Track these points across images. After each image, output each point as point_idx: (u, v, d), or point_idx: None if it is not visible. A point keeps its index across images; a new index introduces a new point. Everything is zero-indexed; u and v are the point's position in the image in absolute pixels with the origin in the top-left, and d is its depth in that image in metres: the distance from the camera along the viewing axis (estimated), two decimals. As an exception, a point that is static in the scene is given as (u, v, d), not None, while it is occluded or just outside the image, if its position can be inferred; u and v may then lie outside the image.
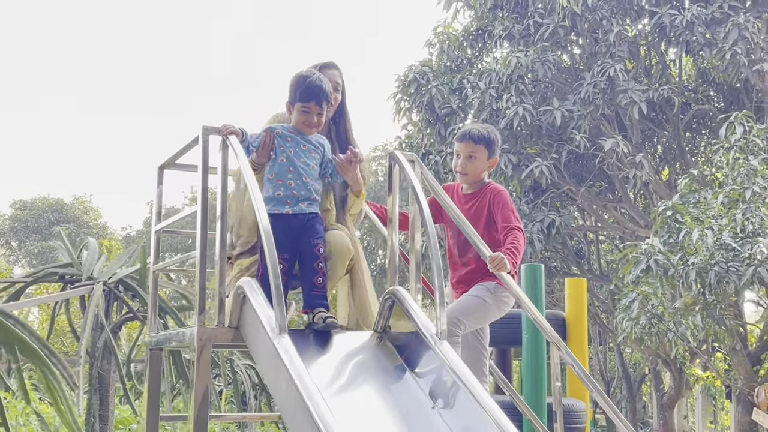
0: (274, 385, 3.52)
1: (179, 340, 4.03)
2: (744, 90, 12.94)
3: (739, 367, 10.99)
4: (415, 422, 3.69)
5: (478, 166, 4.78)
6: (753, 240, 8.23)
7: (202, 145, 3.91)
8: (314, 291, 3.97)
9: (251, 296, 3.68)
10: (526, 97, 11.70)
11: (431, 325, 3.83)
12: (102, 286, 7.44)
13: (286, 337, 3.44)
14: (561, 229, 12.24)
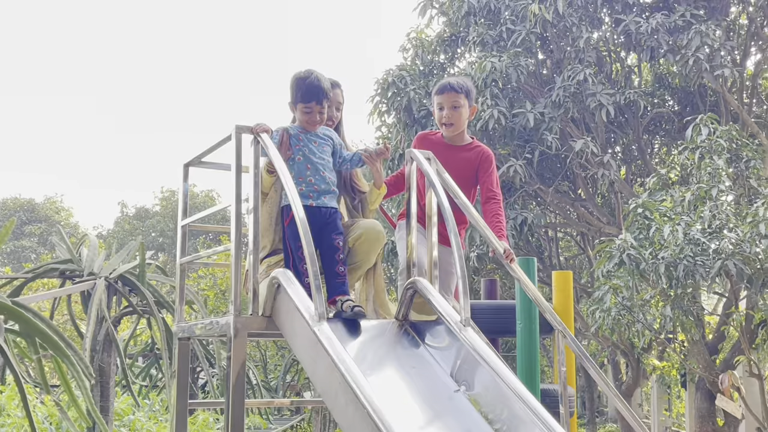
0: (312, 370, 3.60)
1: (213, 329, 4.09)
2: (699, 94, 13.24)
3: (698, 356, 11.26)
4: (441, 404, 3.78)
5: (463, 115, 4.82)
6: (720, 235, 8.47)
7: (235, 143, 3.97)
8: (337, 279, 4.06)
9: (287, 286, 3.75)
10: (501, 100, 11.87)
11: (454, 313, 3.93)
12: (104, 281, 7.45)
13: (325, 324, 3.52)
14: (533, 226, 12.44)
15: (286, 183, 3.78)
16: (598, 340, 17.74)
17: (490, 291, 7.75)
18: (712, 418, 12.02)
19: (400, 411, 3.67)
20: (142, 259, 7.68)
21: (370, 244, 4.24)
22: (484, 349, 3.75)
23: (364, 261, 4.32)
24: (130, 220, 35.24)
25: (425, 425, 3.70)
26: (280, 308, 3.86)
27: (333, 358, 3.35)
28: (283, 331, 3.85)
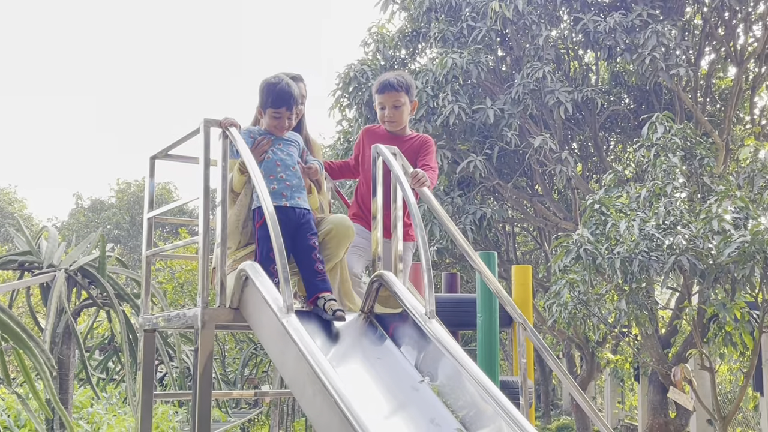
0: (280, 361, 3.64)
1: (180, 321, 4.11)
2: (654, 93, 13.49)
3: (651, 350, 11.48)
4: (405, 395, 3.85)
5: (405, 113, 4.91)
6: (674, 231, 8.65)
7: (203, 137, 3.99)
8: (318, 277, 4.08)
9: (255, 278, 3.79)
10: (461, 97, 11.98)
11: (419, 305, 4.01)
12: (64, 273, 7.39)
13: (293, 316, 3.56)
14: (492, 221, 12.58)
15: (255, 177, 3.82)
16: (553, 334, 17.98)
17: (451, 285, 7.88)
18: (664, 411, 12.27)
19: (366, 401, 3.74)
20: (102, 251, 7.64)
21: (340, 238, 4.29)
22: (448, 341, 3.83)
23: (334, 255, 4.37)
24: (85, 212, 34.80)
25: (390, 415, 3.77)
26: (247, 300, 3.89)
27: (301, 350, 3.40)
28: (250, 323, 3.89)
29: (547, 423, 21.51)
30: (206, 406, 3.84)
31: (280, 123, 4.27)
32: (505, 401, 3.59)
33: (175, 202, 4.29)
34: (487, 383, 3.64)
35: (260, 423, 15.47)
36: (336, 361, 3.87)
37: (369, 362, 3.99)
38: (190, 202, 4.12)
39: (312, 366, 3.31)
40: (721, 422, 9.33)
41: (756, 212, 8.62)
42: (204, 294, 3.88)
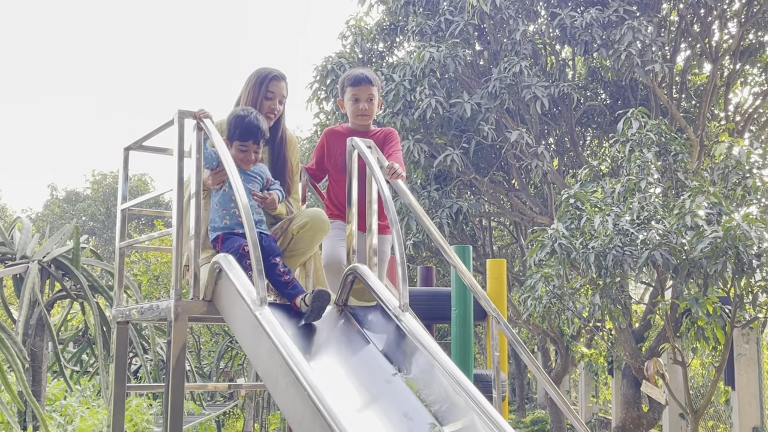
0: (253, 354, 3.64)
1: (153, 313, 4.10)
2: (630, 88, 13.59)
3: (625, 344, 11.57)
4: (379, 388, 3.87)
5: (375, 107, 4.97)
6: (648, 226, 8.72)
7: (177, 128, 3.98)
8: (288, 288, 4.04)
9: (228, 270, 3.79)
10: (438, 90, 11.99)
11: (393, 299, 4.03)
12: (37, 264, 7.35)
13: (267, 308, 3.57)
14: (468, 215, 12.62)
15: (228, 167, 3.82)
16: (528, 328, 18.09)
17: (426, 278, 7.91)
18: (637, 404, 12.37)
19: (339, 394, 3.75)
20: (76, 243, 7.59)
21: (314, 232, 4.29)
22: (422, 334, 3.85)
23: (308, 249, 4.38)
24: (60, 203, 34.52)
25: (363, 407, 3.78)
26: (221, 293, 3.89)
27: (274, 342, 3.40)
28: (224, 315, 3.89)
29: (521, 417, 21.64)
30: (179, 398, 3.84)
31: (246, 156, 4.27)
32: (477, 394, 3.61)
33: (150, 193, 4.27)
34: (459, 376, 3.66)
35: (235, 416, 15.46)
36: (309, 354, 3.88)
37: (342, 355, 4.01)
38: (165, 194, 4.10)
39: (285, 358, 3.32)
40: (693, 416, 9.43)
41: (729, 208, 8.70)
42: (177, 286, 3.87)
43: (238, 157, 4.23)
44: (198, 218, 3.94)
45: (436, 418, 3.77)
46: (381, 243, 4.72)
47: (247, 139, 4.23)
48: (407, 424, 3.73)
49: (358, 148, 4.44)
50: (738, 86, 14.27)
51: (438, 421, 3.76)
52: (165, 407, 3.85)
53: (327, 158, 4.97)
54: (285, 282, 4.04)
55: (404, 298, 3.93)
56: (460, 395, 3.68)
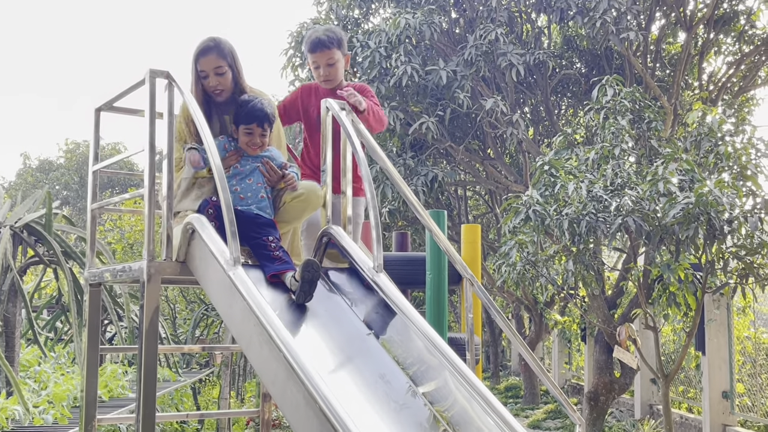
0: (228, 315, 3.63)
1: (126, 274, 4.07)
2: (605, 57, 13.59)
3: (598, 310, 11.67)
4: (353, 348, 3.88)
5: (339, 69, 4.89)
6: (621, 193, 8.76)
7: (149, 88, 3.92)
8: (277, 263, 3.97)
9: (201, 231, 3.76)
10: (414, 57, 11.93)
11: (367, 260, 4.02)
12: (9, 230, 7.26)
13: (240, 268, 3.55)
14: (443, 183, 12.62)
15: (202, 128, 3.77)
16: (503, 296, 18.21)
17: (401, 243, 7.91)
18: (609, 370, 12.49)
19: (314, 353, 3.75)
20: (48, 209, 7.51)
21: (306, 204, 4.25)
22: (396, 295, 3.85)
23: (294, 220, 4.32)
24: (33, 172, 34.13)
25: (338, 367, 3.79)
26: (194, 254, 3.87)
27: (248, 301, 3.39)
28: (197, 276, 3.87)
29: (496, 383, 21.84)
30: (152, 360, 3.82)
31: (252, 140, 4.22)
32: (451, 354, 3.63)
33: (121, 155, 4.22)
34: (433, 336, 3.67)
35: (211, 383, 15.47)
36: (283, 315, 3.87)
37: (317, 316, 4.00)
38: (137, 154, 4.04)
39: (258, 317, 3.31)
40: (664, 380, 9.54)
41: (701, 175, 8.75)
42: (150, 247, 3.84)
43: (244, 141, 4.22)
44: (171, 180, 3.90)
45: (410, 378, 3.78)
46: (355, 205, 4.71)
47: (250, 122, 4.20)
48: (382, 385, 3.74)
49: (332, 110, 4.40)
50: (712, 55, 14.31)
51: (413, 381, 3.77)
52: (138, 369, 3.83)
53: (302, 114, 4.92)
54: (275, 258, 3.98)
55: (378, 260, 3.92)
56: (434, 355, 3.69)
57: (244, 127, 4.21)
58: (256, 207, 4.13)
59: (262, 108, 4.23)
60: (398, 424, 3.52)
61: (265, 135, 4.25)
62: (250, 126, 4.20)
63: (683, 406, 12.90)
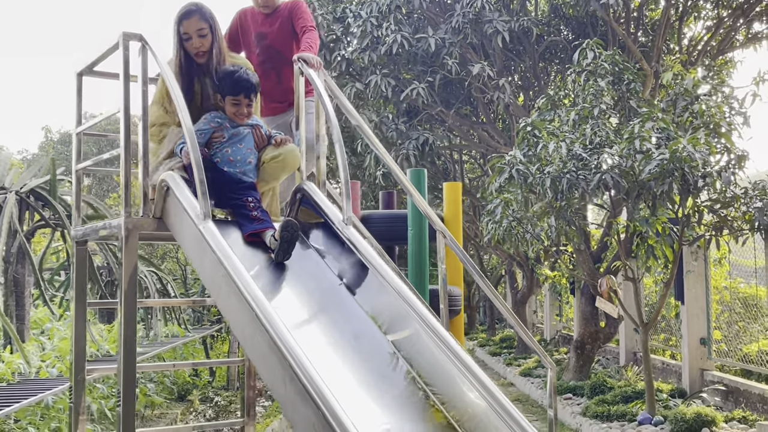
0: (200, 267, 3.55)
1: (106, 230, 3.98)
2: (590, 24, 13.35)
3: (583, 264, 11.59)
4: (326, 299, 3.80)
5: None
6: (600, 151, 8.62)
7: (122, 51, 3.81)
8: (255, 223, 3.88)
9: (175, 188, 3.67)
10: (404, 26, 11.73)
11: (338, 213, 3.92)
12: (15, 195, 7.19)
13: (210, 222, 3.46)
14: (433, 146, 12.47)
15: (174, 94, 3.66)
16: (497, 254, 18.14)
17: (388, 202, 7.80)
18: (595, 321, 12.45)
19: (285, 304, 3.68)
20: (53, 174, 7.43)
21: (284, 165, 4.13)
22: (365, 246, 3.76)
23: (272, 180, 4.20)
24: (55, 145, 34.00)
25: (310, 317, 3.71)
26: (169, 210, 3.78)
27: (216, 253, 3.30)
28: (173, 232, 3.78)
29: (492, 335, 21.89)
30: (132, 313, 3.75)
31: (239, 110, 4.09)
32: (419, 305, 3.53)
33: (101, 116, 4.12)
34: (401, 288, 3.58)
35: (222, 339, 15.49)
36: (255, 267, 3.79)
37: (290, 269, 3.91)
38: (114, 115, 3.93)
39: (225, 268, 3.22)
40: (644, 328, 9.48)
41: (678, 133, 8.61)
42: (127, 204, 3.75)
43: (232, 111, 4.09)
44: (146, 141, 3.80)
45: (381, 328, 3.70)
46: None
47: (237, 93, 4.07)
48: (353, 334, 3.66)
49: (306, 72, 4.28)
50: (692, 20, 14.05)
51: (383, 331, 3.70)
52: (120, 322, 3.76)
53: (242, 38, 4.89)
54: (253, 218, 3.88)
55: (348, 212, 3.83)
56: (402, 306, 3.60)
57: (232, 98, 4.08)
58: (242, 171, 4.02)
59: (248, 78, 4.10)
60: (365, 371, 3.45)
61: (251, 105, 4.13)
62: (237, 97, 4.08)
63: (667, 353, 12.85)
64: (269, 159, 4.14)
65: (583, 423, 9.70)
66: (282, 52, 4.81)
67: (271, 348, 2.97)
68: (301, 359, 2.81)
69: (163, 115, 4.13)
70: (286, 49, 4.79)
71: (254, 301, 3.03)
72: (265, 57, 4.82)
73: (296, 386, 2.80)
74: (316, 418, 2.71)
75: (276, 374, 2.96)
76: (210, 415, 8.90)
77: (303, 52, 4.39)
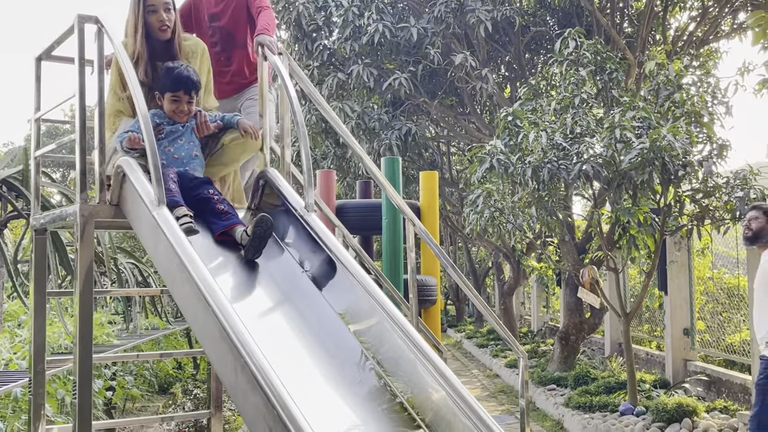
0: (154, 254, 3.45)
1: (62, 218, 3.89)
2: (575, 14, 13.27)
3: (568, 255, 11.54)
4: (287, 286, 3.72)
5: None
6: (580, 140, 8.56)
7: (77, 35, 3.70)
8: (223, 218, 3.76)
9: (130, 174, 3.58)
10: (386, 15, 11.63)
11: (300, 200, 3.84)
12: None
13: (164, 208, 3.37)
14: (417, 137, 12.38)
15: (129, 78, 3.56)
16: (484, 245, 18.08)
17: (365, 191, 7.73)
18: (579, 311, 12.41)
19: (247, 292, 3.60)
20: (25, 164, 7.31)
21: (245, 147, 4.04)
22: (325, 233, 3.68)
23: (233, 162, 4.13)
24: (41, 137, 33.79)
25: (272, 305, 3.63)
26: (126, 197, 3.68)
27: (170, 240, 3.21)
28: (129, 219, 3.69)
29: (479, 327, 21.86)
30: (88, 303, 3.66)
31: (179, 107, 3.91)
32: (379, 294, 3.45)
33: (57, 103, 4.02)
34: (362, 276, 3.50)
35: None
36: (216, 255, 3.71)
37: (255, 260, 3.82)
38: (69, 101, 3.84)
39: (179, 254, 3.13)
40: (625, 318, 9.43)
41: (659, 122, 8.54)
42: (83, 191, 3.65)
43: (171, 109, 3.91)
44: (102, 126, 3.71)
45: (342, 317, 3.62)
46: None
47: (177, 90, 3.89)
48: (316, 322, 3.59)
49: (270, 59, 4.19)
50: (677, 11, 13.99)
51: (344, 320, 3.62)
52: (75, 313, 3.67)
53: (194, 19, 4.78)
54: (220, 212, 3.76)
55: (309, 198, 3.74)
56: (363, 295, 3.52)
57: (171, 94, 3.91)
58: (191, 167, 3.89)
59: (189, 75, 3.93)
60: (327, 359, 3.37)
61: (192, 102, 3.94)
62: (177, 93, 3.90)
63: (653, 344, 12.82)
64: (229, 141, 4.06)
65: (566, 414, 9.66)
66: (234, 34, 4.72)
67: (222, 336, 2.88)
68: (250, 346, 2.73)
69: (116, 104, 4.04)
70: (238, 32, 4.71)
71: (205, 287, 2.95)
72: (217, 39, 4.73)
73: (247, 375, 2.72)
74: (265, 407, 2.63)
75: (227, 363, 2.88)
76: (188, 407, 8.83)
77: (261, 35, 4.29)
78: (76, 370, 3.57)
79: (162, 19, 4.02)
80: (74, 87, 3.69)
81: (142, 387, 10.00)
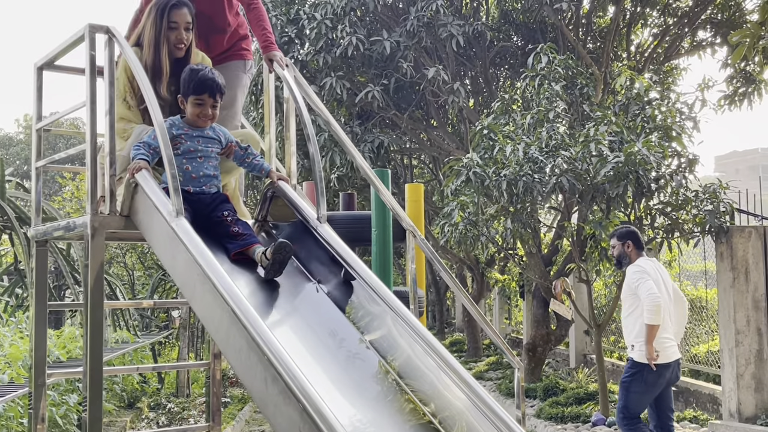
0: (171, 266, 3.43)
1: (69, 229, 3.85)
2: (540, 30, 13.50)
3: (535, 267, 11.69)
4: (299, 298, 3.72)
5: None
6: (555, 154, 8.71)
7: (88, 44, 3.68)
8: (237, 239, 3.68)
9: (144, 184, 3.55)
10: (359, 28, 11.68)
11: (311, 211, 3.86)
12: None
13: (183, 219, 3.36)
14: (389, 149, 12.44)
15: (142, 83, 3.55)
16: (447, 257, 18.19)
17: (348, 204, 7.74)
18: (546, 323, 12.56)
19: (259, 302, 3.59)
20: (0, 175, 7.19)
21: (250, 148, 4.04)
22: (339, 244, 3.70)
23: (235, 169, 4.12)
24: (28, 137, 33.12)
25: (285, 316, 3.63)
26: (138, 207, 3.66)
27: (191, 251, 3.20)
28: (141, 230, 3.66)
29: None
30: (98, 315, 3.62)
31: (203, 111, 3.78)
32: (395, 302, 3.49)
33: (63, 111, 3.98)
34: (377, 284, 3.53)
35: (171, 345, 15.21)
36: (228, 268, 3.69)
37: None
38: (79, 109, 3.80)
39: (201, 265, 3.12)
40: (597, 330, 9.58)
41: (630, 137, 8.74)
42: (93, 201, 3.62)
43: (194, 113, 3.78)
44: (112, 136, 3.68)
45: (356, 326, 3.64)
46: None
47: (201, 93, 3.76)
48: (329, 333, 3.60)
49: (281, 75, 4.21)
50: (639, 28, 14.32)
51: (360, 330, 3.64)
52: (85, 325, 3.63)
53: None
54: (233, 234, 3.67)
55: (321, 210, 3.77)
56: (378, 303, 3.55)
57: (195, 97, 3.77)
58: (208, 185, 3.79)
59: (214, 77, 3.82)
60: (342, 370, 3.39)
61: (216, 106, 3.84)
62: (201, 96, 3.77)
63: (615, 355, 13.02)
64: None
65: (538, 425, 9.76)
66: (212, 18, 4.50)
67: (249, 345, 2.89)
68: (284, 357, 2.74)
69: (125, 112, 4.00)
70: (216, 15, 4.49)
71: (231, 297, 2.95)
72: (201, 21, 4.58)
73: (279, 386, 2.73)
74: (300, 418, 2.64)
75: (256, 374, 2.88)
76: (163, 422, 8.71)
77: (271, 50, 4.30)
78: (87, 383, 3.53)
79: (181, 38, 4.01)
80: (85, 96, 3.66)
81: (112, 401, 9.85)
